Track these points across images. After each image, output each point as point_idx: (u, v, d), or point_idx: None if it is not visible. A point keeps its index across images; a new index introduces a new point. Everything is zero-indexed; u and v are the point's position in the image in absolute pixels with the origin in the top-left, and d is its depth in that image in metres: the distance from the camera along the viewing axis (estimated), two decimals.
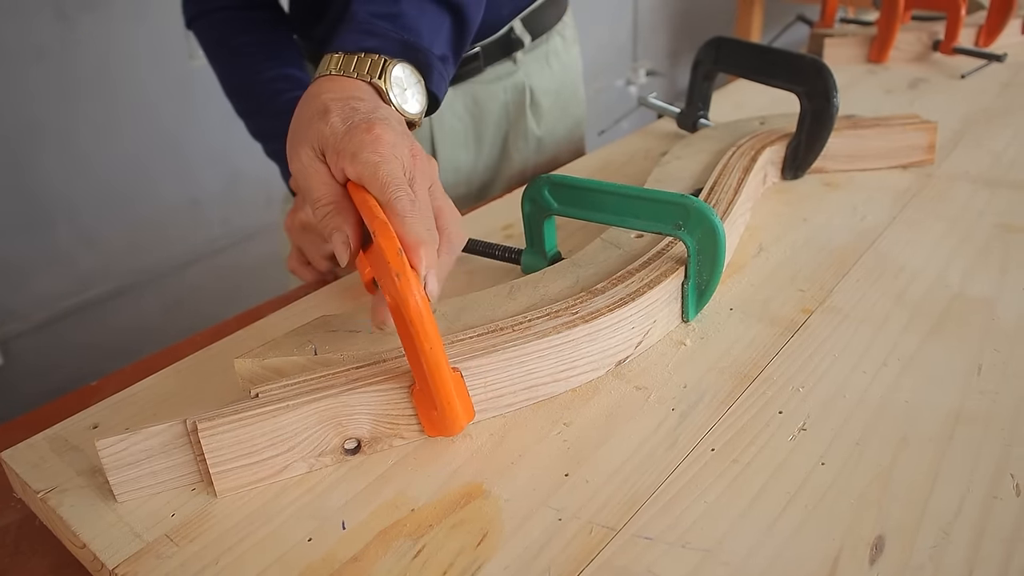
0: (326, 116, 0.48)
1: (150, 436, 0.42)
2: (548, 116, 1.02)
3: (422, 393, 0.45)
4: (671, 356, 0.54)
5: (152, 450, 0.43)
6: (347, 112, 0.48)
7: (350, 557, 0.40)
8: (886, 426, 0.46)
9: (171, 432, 0.43)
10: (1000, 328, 0.55)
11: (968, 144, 0.86)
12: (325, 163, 0.48)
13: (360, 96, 0.51)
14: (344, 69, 0.53)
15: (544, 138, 1.02)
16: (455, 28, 0.61)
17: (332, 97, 0.50)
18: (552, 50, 1.01)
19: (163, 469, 0.44)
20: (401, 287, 0.40)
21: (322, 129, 0.48)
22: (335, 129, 0.47)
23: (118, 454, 0.42)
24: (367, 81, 0.53)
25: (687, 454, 0.45)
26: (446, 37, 0.60)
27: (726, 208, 0.64)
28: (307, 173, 0.48)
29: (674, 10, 3.05)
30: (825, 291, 0.60)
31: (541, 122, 1.01)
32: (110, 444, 0.42)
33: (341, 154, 0.46)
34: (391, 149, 0.46)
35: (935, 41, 1.17)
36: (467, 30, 0.62)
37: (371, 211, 0.43)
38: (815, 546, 0.39)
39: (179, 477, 0.44)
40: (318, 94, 0.51)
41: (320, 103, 0.50)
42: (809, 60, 0.74)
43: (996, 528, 0.39)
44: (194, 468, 0.44)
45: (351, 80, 0.52)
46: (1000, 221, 0.69)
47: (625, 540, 0.40)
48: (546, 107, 1.01)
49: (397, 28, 0.56)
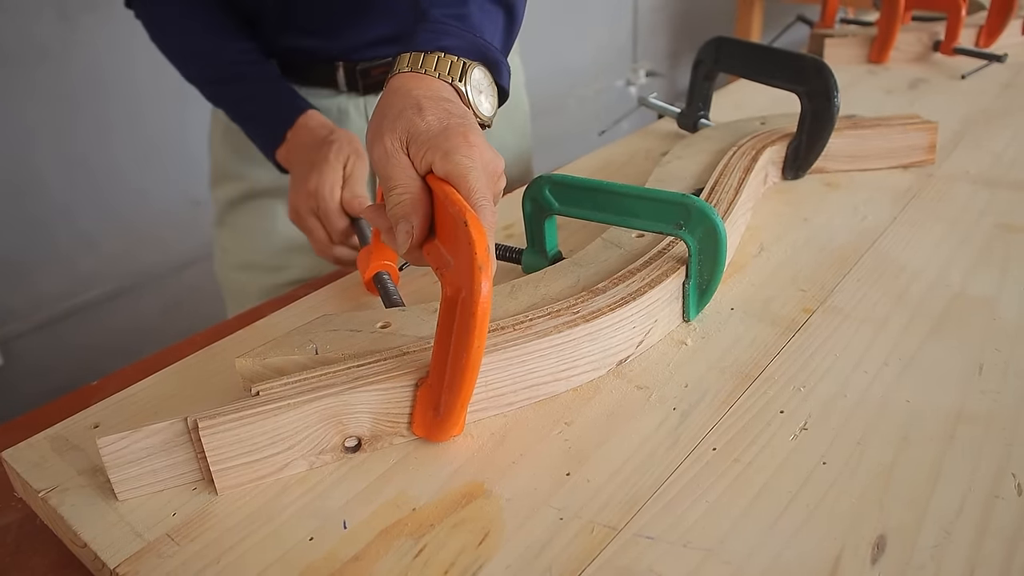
0: (421, 112, 0.50)
1: (151, 434, 0.42)
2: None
3: (431, 391, 0.45)
4: (672, 356, 0.54)
5: (153, 448, 0.43)
6: (441, 113, 0.50)
7: (351, 556, 0.40)
8: (887, 426, 0.46)
9: (172, 430, 0.43)
10: (1001, 328, 0.55)
11: (968, 144, 0.86)
12: (408, 155, 0.50)
13: (449, 98, 0.53)
14: (426, 67, 0.55)
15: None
16: (507, 26, 0.63)
17: (424, 95, 0.52)
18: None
19: (164, 467, 0.44)
20: (481, 279, 0.40)
21: (416, 123, 0.49)
22: (430, 126, 0.49)
23: (119, 452, 0.42)
24: (449, 83, 0.55)
25: (688, 453, 0.45)
26: (501, 35, 0.62)
27: (727, 208, 0.64)
28: (390, 161, 0.50)
29: (674, 11, 3.05)
30: (826, 291, 0.60)
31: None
32: (111, 442, 0.42)
33: (433, 150, 0.48)
34: (481, 158, 0.48)
35: (935, 41, 1.17)
36: (515, 29, 0.65)
37: (461, 203, 0.44)
38: (817, 545, 0.39)
39: (180, 475, 0.44)
40: (408, 90, 0.52)
41: (413, 99, 0.51)
42: (810, 60, 0.74)
43: (998, 527, 0.39)
44: (195, 466, 0.44)
45: (436, 80, 0.54)
46: (1000, 221, 0.69)
47: (627, 539, 0.40)
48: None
49: (467, 28, 0.58)
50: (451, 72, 0.55)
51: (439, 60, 0.55)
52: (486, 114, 0.57)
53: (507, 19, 0.63)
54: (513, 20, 0.64)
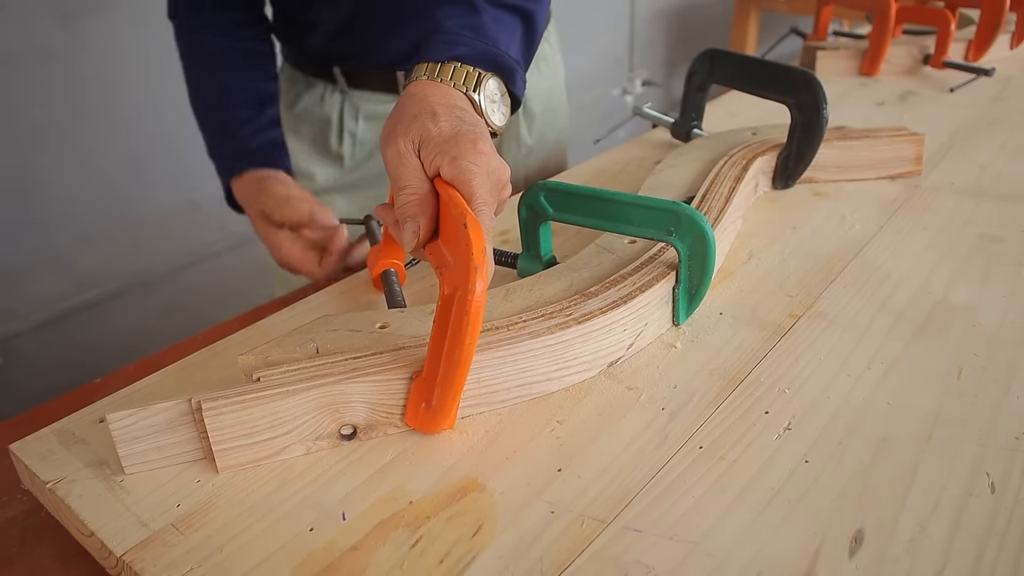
0: (435, 118, 0.52)
1: (157, 412, 0.45)
2: (539, 121, 1.05)
3: (425, 384, 0.47)
4: (662, 358, 0.55)
5: (159, 426, 0.45)
6: (454, 120, 0.52)
7: (350, 546, 0.41)
8: (868, 426, 0.48)
9: (177, 409, 0.45)
10: (980, 334, 0.57)
11: (955, 156, 0.88)
12: (419, 158, 0.51)
13: (463, 107, 0.55)
14: (442, 77, 0.57)
15: (534, 145, 1.05)
16: (526, 34, 0.65)
17: (439, 102, 0.54)
18: (541, 56, 1.04)
19: (169, 444, 0.46)
20: (478, 280, 0.42)
21: (429, 128, 0.51)
22: (442, 131, 0.51)
23: (127, 428, 0.45)
24: (464, 92, 0.57)
25: (676, 451, 0.47)
26: (519, 43, 0.64)
27: (717, 215, 0.66)
28: (402, 162, 0.51)
29: (670, 21, 3.08)
30: (812, 297, 0.62)
31: (532, 128, 1.04)
32: (120, 417, 0.44)
33: (442, 155, 0.50)
34: (487, 165, 0.50)
35: (925, 55, 1.20)
36: (536, 36, 0.67)
37: (463, 206, 0.46)
38: (797, 539, 0.40)
39: (184, 453, 0.47)
40: (424, 96, 0.54)
41: (428, 104, 0.53)
42: (800, 73, 0.76)
43: (971, 524, 0.41)
44: (198, 445, 0.47)
45: (450, 88, 0.56)
46: (983, 232, 0.71)
47: (615, 532, 0.41)
48: (537, 112, 1.04)
49: (480, 37, 0.59)
50: (466, 82, 0.57)
51: (455, 70, 0.57)
52: (498, 124, 0.59)
53: (525, 27, 0.65)
54: (532, 27, 0.66)
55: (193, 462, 0.47)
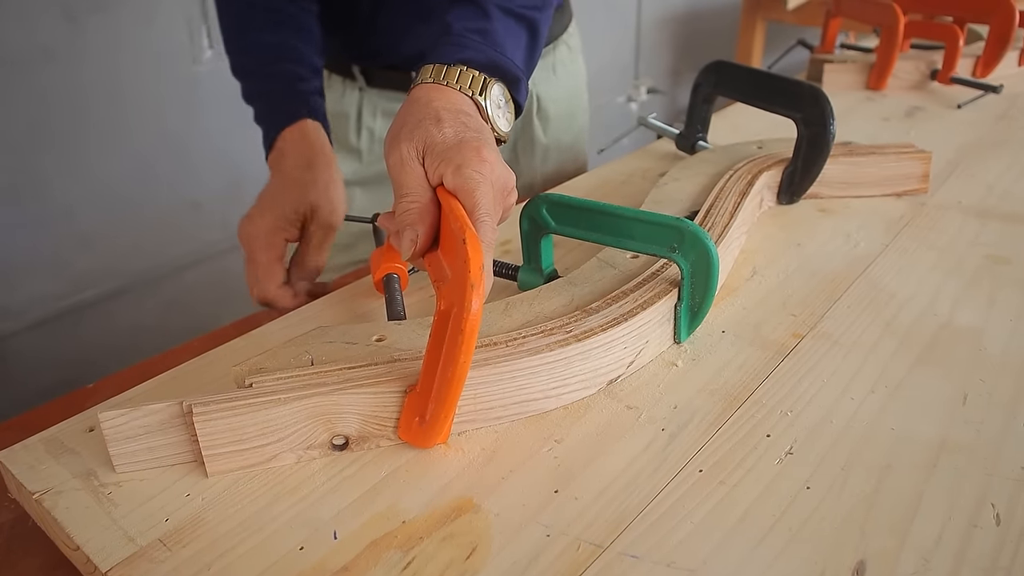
0: (439, 124, 0.51)
1: (149, 413, 0.45)
2: (555, 124, 1.04)
3: (419, 398, 0.46)
4: (662, 377, 0.54)
5: (151, 427, 0.45)
6: (459, 126, 0.51)
7: (341, 567, 0.40)
8: (871, 452, 0.47)
9: (169, 411, 0.45)
10: (986, 359, 0.56)
11: (962, 174, 0.87)
12: (423, 165, 0.51)
13: (468, 112, 0.54)
14: (448, 79, 0.56)
15: (550, 147, 1.04)
16: (530, 43, 0.64)
17: (443, 107, 0.53)
18: (558, 60, 1.03)
19: (160, 446, 0.46)
20: (474, 297, 0.42)
21: (433, 134, 0.50)
22: (446, 138, 0.50)
23: (119, 427, 0.44)
24: (469, 96, 0.56)
25: (675, 474, 0.46)
26: (523, 52, 0.63)
27: (721, 231, 0.65)
28: (404, 168, 0.51)
29: (677, 29, 3.07)
30: (816, 316, 0.61)
31: (548, 130, 1.03)
32: (112, 417, 0.44)
33: (446, 162, 0.49)
34: (492, 174, 0.49)
35: (933, 70, 1.19)
36: (538, 45, 0.66)
37: (463, 219, 0.46)
38: (798, 569, 0.39)
39: (174, 455, 0.46)
40: (429, 100, 0.54)
41: (432, 110, 0.52)
42: (807, 87, 0.75)
43: (975, 557, 0.40)
44: (188, 448, 0.46)
45: (456, 92, 0.55)
46: (990, 252, 0.70)
47: (612, 558, 0.40)
48: (553, 115, 1.03)
49: (487, 42, 0.59)
50: (472, 86, 0.56)
51: (461, 73, 0.56)
52: (503, 129, 0.58)
53: (530, 37, 0.64)
54: (536, 38, 0.65)
55: (184, 467, 0.46)
